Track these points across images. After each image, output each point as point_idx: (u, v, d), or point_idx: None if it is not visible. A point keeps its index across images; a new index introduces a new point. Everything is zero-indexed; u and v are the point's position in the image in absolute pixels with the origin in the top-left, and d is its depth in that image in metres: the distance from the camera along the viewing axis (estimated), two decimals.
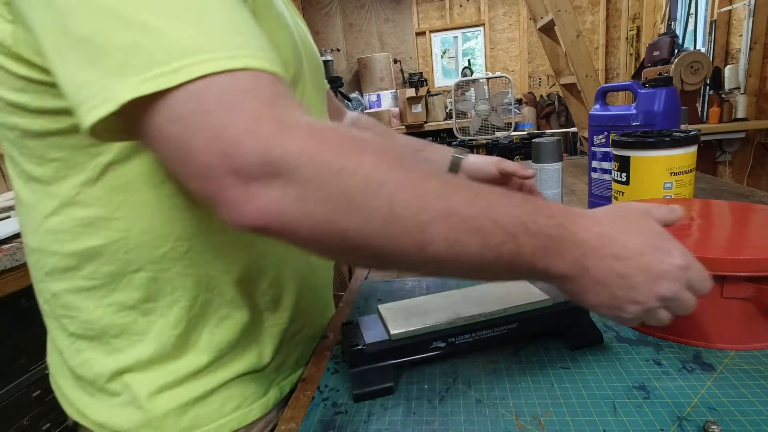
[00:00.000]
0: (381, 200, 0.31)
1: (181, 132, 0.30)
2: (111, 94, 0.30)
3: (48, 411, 1.16)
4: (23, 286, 1.07)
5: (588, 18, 5.17)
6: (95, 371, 0.49)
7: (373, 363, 0.51)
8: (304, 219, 0.31)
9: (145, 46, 0.30)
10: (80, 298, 0.48)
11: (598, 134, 1.07)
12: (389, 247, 0.33)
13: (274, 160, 0.30)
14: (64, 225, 0.46)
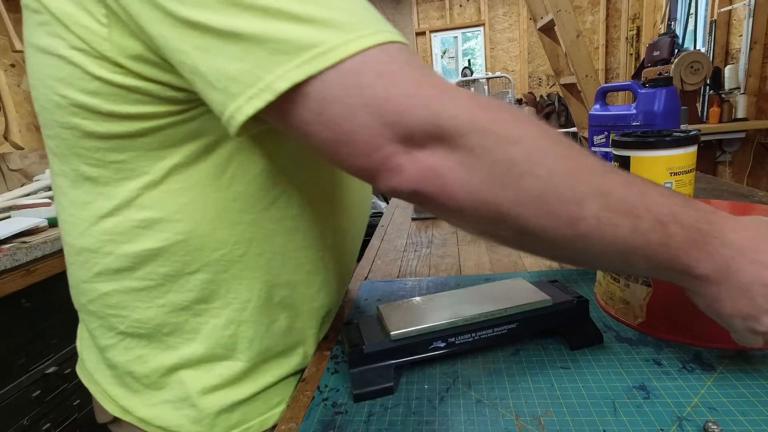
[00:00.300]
0: (542, 170, 0.31)
1: (342, 111, 0.31)
2: (267, 84, 0.30)
3: (48, 411, 1.16)
4: (23, 286, 1.07)
5: (588, 18, 5.17)
6: (150, 367, 0.50)
7: (373, 363, 0.51)
8: (463, 185, 0.31)
9: (292, 32, 0.30)
10: (131, 298, 0.48)
11: (598, 134, 1.07)
12: (541, 221, 0.32)
13: (441, 124, 0.30)
14: (122, 226, 0.46)
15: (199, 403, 0.49)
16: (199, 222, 0.45)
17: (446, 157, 0.31)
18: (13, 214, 1.31)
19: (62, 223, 0.50)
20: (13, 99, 1.82)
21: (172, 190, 0.44)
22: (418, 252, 0.98)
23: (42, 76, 0.42)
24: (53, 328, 1.19)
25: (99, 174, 0.44)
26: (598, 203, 0.32)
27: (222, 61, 0.31)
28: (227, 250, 0.47)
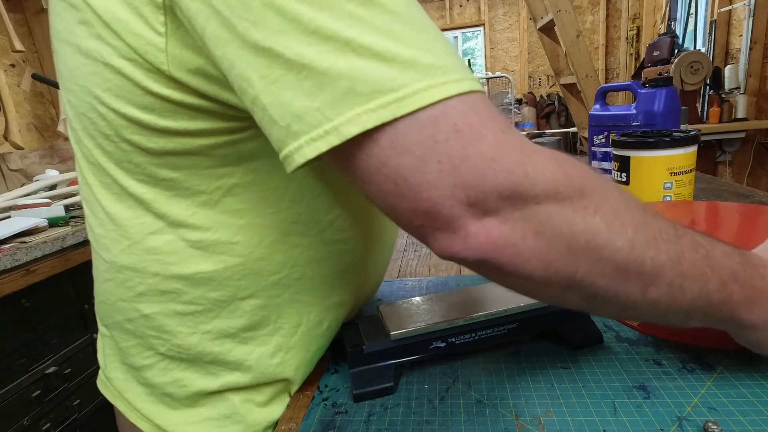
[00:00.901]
0: (623, 242, 0.30)
1: (411, 164, 0.28)
2: (334, 126, 0.27)
3: (48, 411, 1.16)
4: (23, 286, 1.07)
5: (588, 18, 5.17)
6: (189, 390, 0.47)
7: (373, 363, 0.51)
8: (538, 255, 0.29)
9: (371, 72, 0.27)
10: (175, 323, 0.45)
11: (598, 134, 1.07)
12: (614, 288, 0.32)
13: (520, 191, 0.28)
14: (172, 246, 0.43)
15: (246, 419, 0.47)
16: (257, 245, 0.43)
17: (522, 226, 0.29)
18: (13, 214, 1.31)
19: (99, 237, 0.47)
20: (13, 99, 1.82)
21: (229, 210, 0.42)
22: (418, 252, 0.98)
23: (85, 83, 0.38)
24: (53, 328, 1.19)
25: (148, 190, 0.41)
26: (672, 271, 0.32)
27: (288, 95, 0.28)
28: (285, 273, 0.45)
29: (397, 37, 0.28)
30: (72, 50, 0.38)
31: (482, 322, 0.54)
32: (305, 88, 0.28)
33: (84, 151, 0.44)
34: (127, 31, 0.34)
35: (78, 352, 1.26)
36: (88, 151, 0.43)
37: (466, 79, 0.29)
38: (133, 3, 0.33)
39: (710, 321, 0.37)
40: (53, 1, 0.40)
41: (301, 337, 0.49)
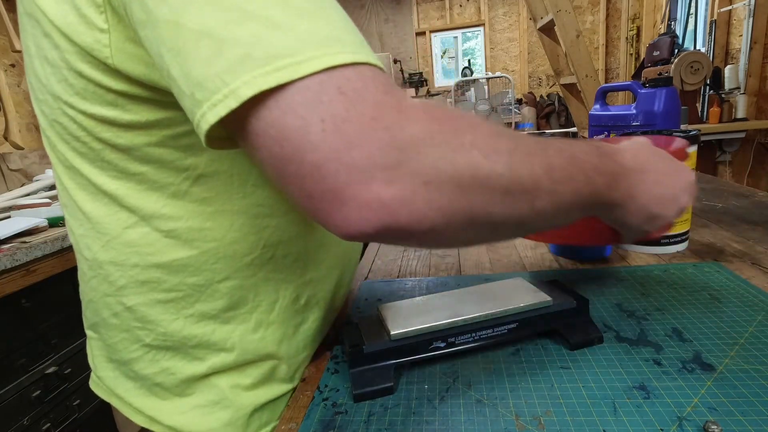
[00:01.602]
0: (502, 167, 0.32)
1: (296, 124, 0.28)
2: (232, 90, 0.28)
3: (48, 411, 1.16)
4: (23, 286, 1.07)
5: (588, 18, 5.17)
6: (178, 378, 0.49)
7: (373, 363, 0.51)
8: (433, 204, 0.30)
9: (268, 39, 0.28)
10: (158, 311, 0.47)
11: (598, 134, 1.07)
12: (507, 211, 0.33)
13: (401, 147, 0.28)
14: (148, 238, 0.45)
15: (234, 403, 0.49)
16: (228, 229, 0.45)
17: (410, 181, 0.29)
18: (13, 214, 1.31)
19: (79, 238, 0.48)
20: (13, 99, 1.82)
21: (198, 199, 0.44)
22: (418, 252, 0.98)
23: (54, 91, 0.41)
24: (53, 328, 1.19)
25: (120, 186, 0.43)
26: (548, 180, 0.35)
27: (190, 64, 0.29)
28: (257, 254, 0.47)
29: (297, 10, 0.29)
30: (40, 62, 0.41)
31: (482, 322, 0.54)
32: (205, 55, 0.28)
33: (59, 156, 0.45)
34: (78, 33, 0.36)
35: (78, 352, 1.26)
36: (62, 155, 0.45)
37: (361, 52, 0.29)
38: (80, 8, 0.35)
39: (587, 211, 0.42)
40: (23, 19, 0.42)
41: (280, 312, 0.50)
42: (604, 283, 0.72)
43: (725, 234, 0.89)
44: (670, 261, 0.79)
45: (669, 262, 0.79)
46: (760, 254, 0.78)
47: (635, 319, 0.60)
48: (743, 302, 0.62)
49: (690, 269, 0.74)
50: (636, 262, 0.80)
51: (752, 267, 0.73)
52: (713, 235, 0.89)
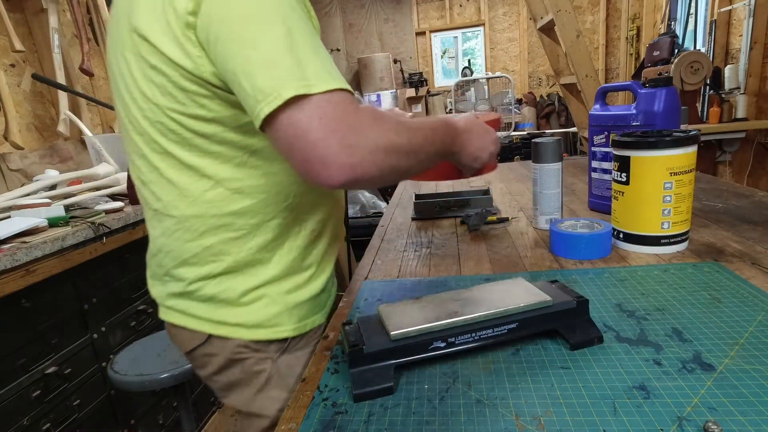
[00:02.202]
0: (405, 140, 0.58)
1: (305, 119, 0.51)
2: (278, 95, 0.50)
3: (48, 411, 1.16)
4: (23, 286, 1.07)
5: (588, 18, 5.17)
6: (237, 291, 0.70)
7: (373, 363, 0.51)
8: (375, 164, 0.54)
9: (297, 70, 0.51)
10: (229, 246, 0.68)
11: (598, 134, 1.07)
12: (410, 162, 0.59)
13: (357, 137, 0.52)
14: (221, 195, 0.66)
15: (281, 301, 0.72)
16: (273, 184, 0.68)
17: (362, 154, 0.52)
18: (13, 214, 1.31)
19: (167, 203, 0.68)
20: (13, 99, 1.82)
21: (254, 166, 0.66)
22: (418, 252, 0.98)
23: (160, 102, 0.62)
24: (53, 328, 1.19)
25: (202, 161, 0.65)
26: (424, 144, 0.62)
27: (255, 79, 0.52)
28: (290, 201, 0.70)
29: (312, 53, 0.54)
30: (146, 84, 0.62)
31: (482, 322, 0.54)
32: (264, 75, 0.51)
33: (154, 147, 0.66)
34: (184, 62, 0.58)
35: (78, 352, 1.26)
36: (159, 145, 0.65)
37: (342, 82, 0.54)
38: (184, 46, 0.57)
39: (443, 158, 0.70)
40: (127, 54, 0.62)
41: (303, 239, 0.74)
42: (604, 283, 0.72)
43: (725, 234, 0.89)
44: (670, 261, 0.79)
45: (669, 262, 0.79)
46: (760, 254, 0.78)
47: (635, 319, 0.60)
48: (743, 302, 0.62)
49: (690, 269, 0.74)
50: (636, 262, 0.80)
51: (752, 267, 0.73)
52: (713, 235, 0.89)
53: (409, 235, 1.11)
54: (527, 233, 1.02)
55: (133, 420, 1.44)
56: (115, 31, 0.64)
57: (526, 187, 1.50)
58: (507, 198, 1.38)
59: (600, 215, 1.09)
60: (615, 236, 0.88)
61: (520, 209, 1.23)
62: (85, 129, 1.91)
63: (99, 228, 1.28)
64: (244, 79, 0.52)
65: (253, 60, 0.52)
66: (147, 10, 0.59)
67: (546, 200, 1.01)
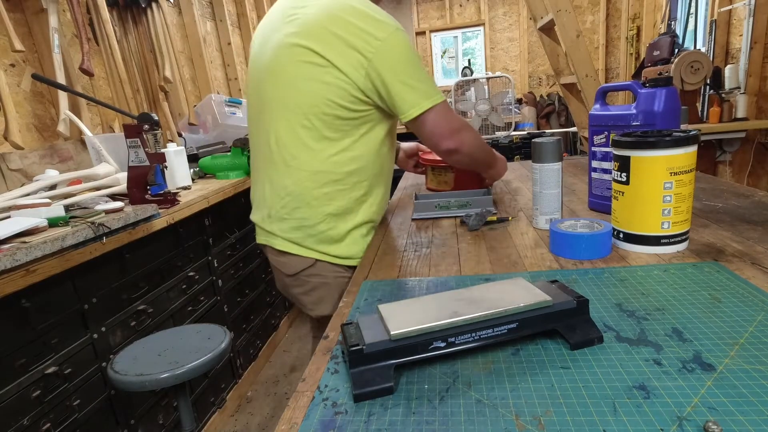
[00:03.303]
0: (483, 156, 1.21)
1: (434, 120, 1.03)
2: (421, 105, 1.00)
3: (48, 411, 1.16)
4: (23, 286, 1.07)
5: (588, 18, 5.17)
6: (338, 231, 1.08)
7: (373, 363, 0.51)
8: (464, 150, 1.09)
9: (425, 90, 1.01)
10: (339, 195, 1.06)
11: (598, 134, 1.06)
12: (480, 160, 1.21)
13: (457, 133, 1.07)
14: (342, 159, 1.04)
15: (361, 242, 1.11)
16: (371, 155, 1.08)
17: (459, 143, 1.07)
18: (13, 214, 1.31)
19: (303, 162, 1.04)
20: (13, 99, 1.81)
21: (363, 142, 1.05)
22: (418, 252, 0.98)
23: (325, 95, 0.98)
24: (53, 328, 1.19)
25: (335, 135, 1.03)
26: (488, 158, 1.25)
27: (406, 94, 0.99)
28: (378, 168, 1.10)
29: (425, 80, 1.02)
30: (312, 82, 0.99)
31: (482, 322, 0.54)
32: (412, 92, 1.00)
33: (306, 124, 1.01)
34: (357, 79, 0.98)
35: (78, 352, 1.26)
36: (311, 123, 1.01)
37: (443, 96, 1.04)
38: (358, 69, 0.97)
39: (486, 168, 1.29)
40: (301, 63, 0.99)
41: (377, 198, 1.13)
42: (604, 283, 0.72)
43: (725, 234, 0.89)
44: (670, 261, 0.79)
45: (669, 262, 0.79)
46: (760, 254, 0.78)
47: (635, 319, 0.60)
48: (743, 302, 0.62)
49: (690, 269, 0.74)
50: (636, 262, 0.80)
51: (752, 267, 0.73)
52: (713, 235, 0.89)
53: (409, 235, 1.11)
54: (527, 233, 1.02)
55: (133, 420, 1.44)
56: None
57: (526, 187, 1.50)
58: (507, 198, 1.38)
59: (600, 215, 1.09)
60: (615, 236, 0.88)
61: (520, 209, 1.23)
62: (85, 129, 1.91)
63: (99, 228, 1.28)
64: (399, 94, 0.99)
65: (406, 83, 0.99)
66: None
67: (546, 200, 1.01)
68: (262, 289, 2.48)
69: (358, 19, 0.95)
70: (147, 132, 1.58)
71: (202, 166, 2.31)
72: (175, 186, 1.96)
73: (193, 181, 2.16)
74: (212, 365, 1.22)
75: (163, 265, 1.65)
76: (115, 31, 2.32)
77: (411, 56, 0.98)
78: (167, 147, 1.97)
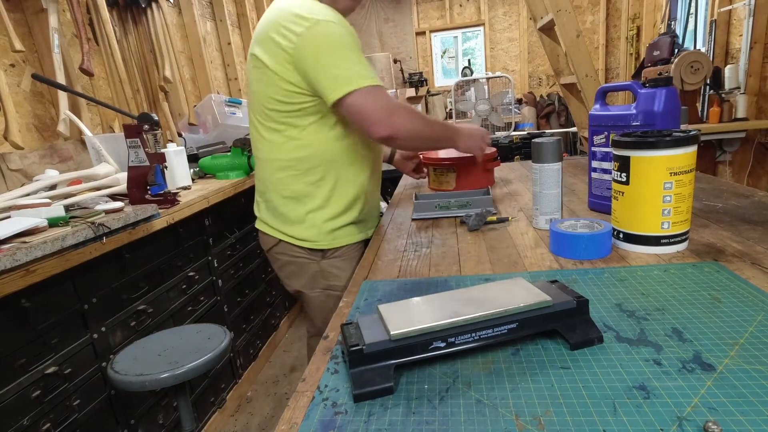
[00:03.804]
0: (427, 131, 1.16)
1: (359, 102, 1.03)
2: (340, 89, 1.02)
3: (48, 411, 1.16)
4: (23, 286, 1.07)
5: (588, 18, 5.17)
6: (296, 213, 1.17)
7: (373, 363, 0.51)
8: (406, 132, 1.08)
9: (348, 74, 1.02)
10: (291, 180, 1.15)
11: (598, 134, 1.06)
12: (425, 144, 1.25)
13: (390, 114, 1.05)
14: (289, 146, 1.13)
15: (319, 226, 1.18)
16: (320, 143, 1.12)
17: (392, 127, 1.05)
18: (13, 214, 1.31)
19: (261, 151, 1.19)
20: (13, 99, 1.81)
21: (311, 131, 1.11)
22: (418, 252, 0.98)
23: (269, 93, 1.10)
24: (53, 328, 1.19)
25: (280, 126, 1.12)
26: (432, 135, 1.19)
27: (325, 79, 1.03)
28: (329, 155, 1.14)
29: (355, 62, 1.04)
30: (258, 83, 1.12)
31: (482, 322, 0.54)
32: (330, 77, 1.03)
33: (260, 119, 1.15)
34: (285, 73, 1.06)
35: (78, 352, 1.26)
36: (263, 117, 1.14)
37: (376, 80, 1.05)
38: (283, 65, 1.05)
39: (448, 143, 1.27)
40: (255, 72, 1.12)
41: (339, 184, 1.17)
42: (604, 283, 0.72)
43: (725, 234, 0.89)
44: (670, 261, 0.79)
45: (669, 262, 0.79)
46: (760, 254, 0.78)
47: (635, 319, 0.60)
48: (743, 302, 0.62)
49: (690, 269, 0.74)
50: (636, 262, 0.80)
51: (752, 267, 0.73)
52: (713, 235, 0.89)
53: (409, 235, 1.11)
54: (527, 233, 1.02)
55: (133, 420, 1.44)
56: None
57: (526, 187, 1.50)
58: (507, 198, 1.38)
59: (600, 215, 1.09)
60: (615, 236, 0.88)
61: (520, 209, 1.23)
62: (85, 129, 1.91)
63: (99, 228, 1.28)
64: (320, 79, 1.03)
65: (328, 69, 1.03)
66: None
67: (546, 200, 1.01)
68: (262, 289, 2.48)
69: (286, 20, 1.03)
70: (147, 132, 1.58)
71: (202, 166, 2.31)
72: (175, 186, 1.96)
73: (193, 181, 2.16)
74: (212, 365, 1.22)
75: (163, 265, 1.65)
76: (115, 31, 2.32)
77: (332, 44, 1.01)
78: (167, 147, 1.97)
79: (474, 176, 1.50)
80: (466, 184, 1.49)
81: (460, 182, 1.50)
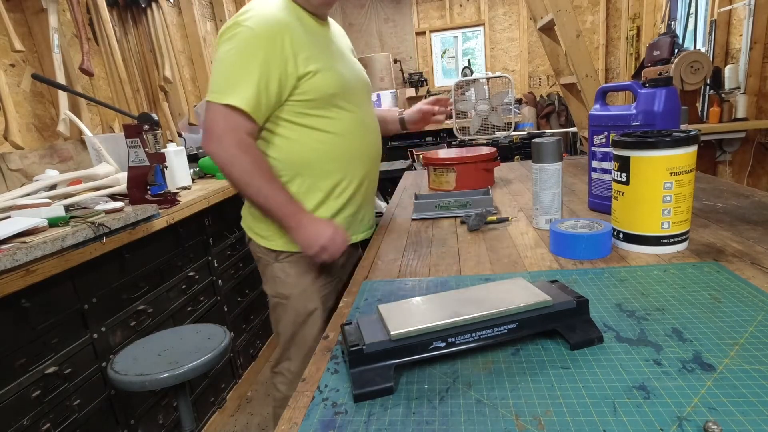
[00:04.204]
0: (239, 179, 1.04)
1: (210, 117, 1.03)
2: (207, 96, 1.04)
3: (48, 411, 1.16)
4: (23, 286, 1.07)
5: (588, 18, 5.17)
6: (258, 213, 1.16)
7: (373, 363, 0.51)
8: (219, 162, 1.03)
9: (215, 87, 1.02)
10: None
11: (598, 134, 1.06)
12: (242, 189, 1.06)
13: (216, 143, 1.03)
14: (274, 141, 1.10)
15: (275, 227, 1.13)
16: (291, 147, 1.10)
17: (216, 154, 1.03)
18: (13, 214, 1.31)
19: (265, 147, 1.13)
20: (13, 99, 1.81)
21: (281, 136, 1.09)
22: (418, 252, 0.98)
23: None
24: (53, 328, 1.19)
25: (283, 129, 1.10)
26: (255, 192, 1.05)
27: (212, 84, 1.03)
28: (305, 156, 1.10)
29: (227, 80, 1.02)
30: None
31: (482, 322, 0.54)
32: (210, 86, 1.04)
33: None
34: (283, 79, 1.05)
35: (78, 352, 1.26)
36: None
37: (237, 98, 1.00)
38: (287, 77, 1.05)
39: (281, 224, 1.09)
40: None
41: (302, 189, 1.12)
42: (604, 283, 0.72)
43: (725, 234, 0.89)
44: (670, 261, 0.79)
45: (669, 262, 0.79)
46: (760, 254, 0.78)
47: (635, 319, 0.60)
48: (743, 302, 0.62)
49: (690, 269, 0.74)
50: (636, 262, 0.80)
51: (752, 267, 0.73)
52: (713, 235, 0.89)
53: (409, 235, 1.11)
54: (527, 233, 1.02)
55: (133, 420, 1.44)
56: None
57: (526, 187, 1.50)
58: (507, 198, 1.38)
59: (600, 215, 1.09)
60: (615, 236, 0.88)
61: (520, 209, 1.23)
62: (85, 129, 1.91)
63: (99, 228, 1.28)
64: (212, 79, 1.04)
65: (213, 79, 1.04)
66: None
67: (546, 200, 1.01)
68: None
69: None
70: (147, 132, 1.58)
71: (202, 166, 2.31)
72: (175, 186, 1.96)
73: (193, 181, 2.16)
74: (212, 365, 1.22)
75: (163, 265, 1.65)
76: (115, 31, 2.32)
77: (224, 53, 1.02)
78: (167, 147, 1.97)
79: (474, 176, 1.50)
80: (466, 184, 1.49)
81: (460, 182, 1.50)
